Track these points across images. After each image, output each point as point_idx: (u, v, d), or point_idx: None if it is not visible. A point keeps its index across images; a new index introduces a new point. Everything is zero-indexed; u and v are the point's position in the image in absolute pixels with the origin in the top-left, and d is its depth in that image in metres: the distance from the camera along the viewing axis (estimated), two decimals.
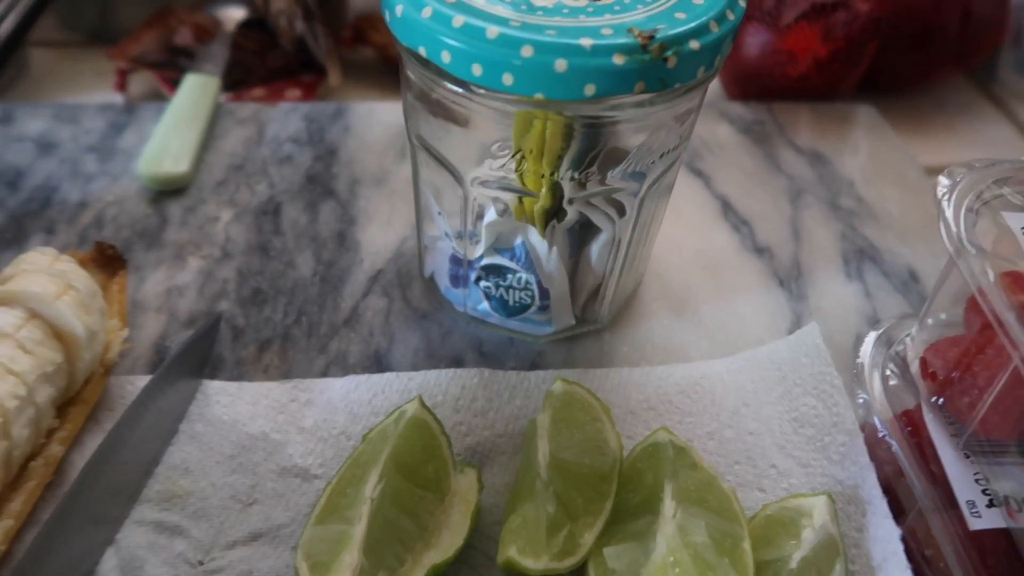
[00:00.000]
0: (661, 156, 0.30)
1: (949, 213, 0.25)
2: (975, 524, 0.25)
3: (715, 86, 0.57)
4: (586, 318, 0.37)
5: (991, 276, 0.23)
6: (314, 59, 0.53)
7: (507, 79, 0.25)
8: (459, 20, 0.25)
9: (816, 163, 0.48)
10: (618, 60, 0.25)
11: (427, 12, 0.26)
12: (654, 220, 0.35)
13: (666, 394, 0.34)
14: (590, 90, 0.25)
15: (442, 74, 0.27)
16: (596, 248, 0.33)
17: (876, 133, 0.51)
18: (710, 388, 0.34)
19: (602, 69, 0.25)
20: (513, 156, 0.29)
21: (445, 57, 0.26)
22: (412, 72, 0.29)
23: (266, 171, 0.44)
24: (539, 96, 0.25)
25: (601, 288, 0.35)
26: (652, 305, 0.39)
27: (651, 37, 0.25)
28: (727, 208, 0.45)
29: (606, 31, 0.25)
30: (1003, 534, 0.24)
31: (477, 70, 0.25)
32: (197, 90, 0.47)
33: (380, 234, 0.41)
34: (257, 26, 0.54)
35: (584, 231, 0.33)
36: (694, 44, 0.26)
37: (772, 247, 0.43)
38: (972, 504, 0.25)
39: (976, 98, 0.62)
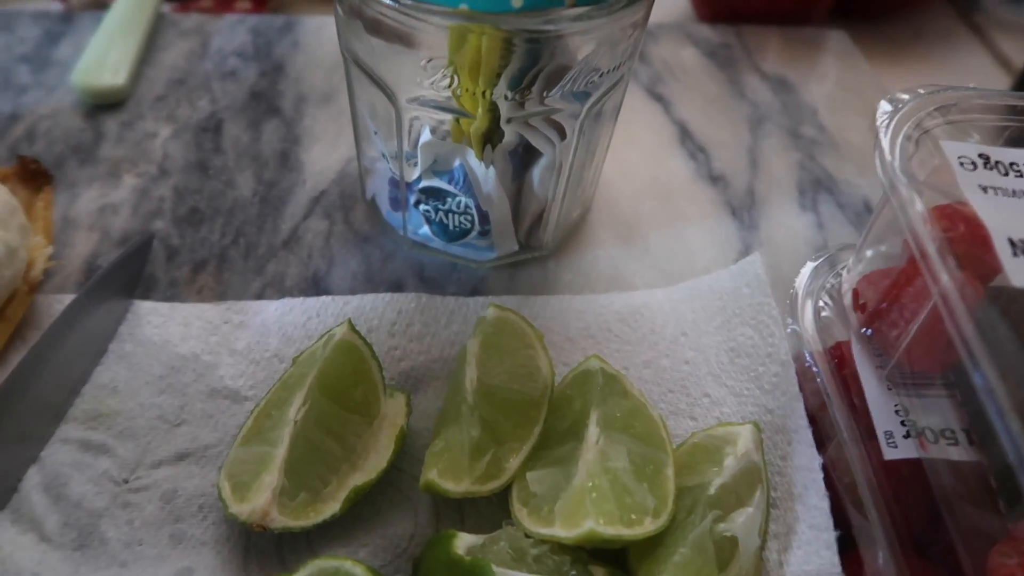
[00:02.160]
0: (602, 75, 0.29)
1: (885, 141, 0.24)
2: (890, 454, 0.25)
3: (684, 6, 0.55)
4: (530, 244, 0.36)
5: (919, 208, 0.22)
6: None
7: None
8: None
9: (781, 90, 0.47)
10: None
11: None
12: (599, 144, 0.34)
13: (606, 322, 0.34)
14: (517, 2, 0.24)
15: None
16: (538, 172, 0.33)
17: (846, 60, 0.50)
18: (650, 317, 0.34)
19: None
20: (447, 74, 0.28)
21: None
22: None
23: (208, 86, 0.43)
24: (464, 7, 0.24)
25: (544, 213, 0.35)
26: (600, 232, 0.38)
27: None
28: (685, 135, 0.44)
29: None
30: (916, 465, 0.24)
31: None
32: (136, 0, 0.45)
33: (325, 154, 0.40)
34: None
35: (527, 154, 0.32)
36: None
37: (727, 176, 0.42)
38: (889, 435, 0.25)
39: (957, 26, 0.60)
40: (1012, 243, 0.22)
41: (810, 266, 0.31)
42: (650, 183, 0.41)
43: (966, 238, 0.22)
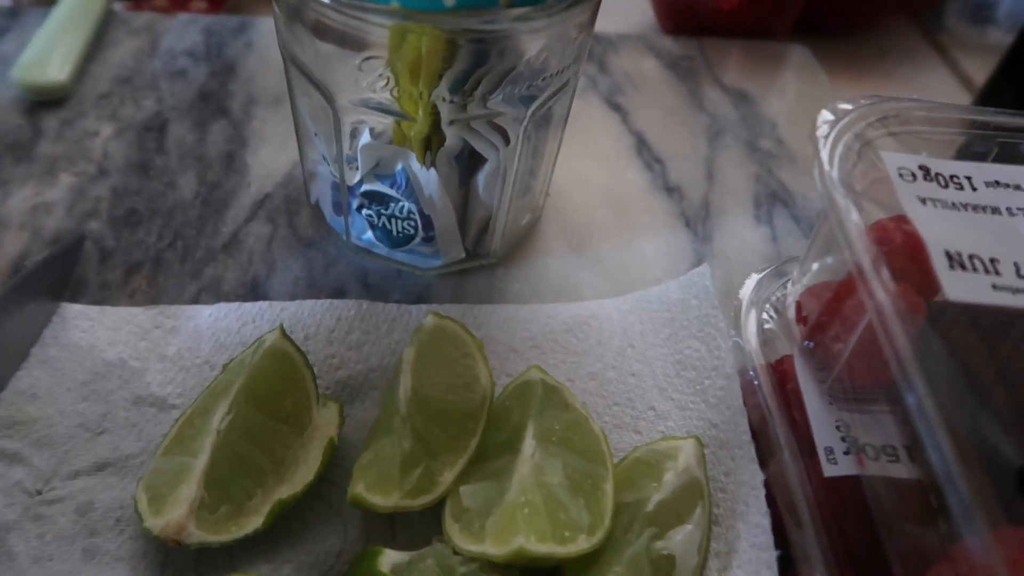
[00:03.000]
0: (546, 79, 0.28)
1: (824, 152, 0.23)
2: (830, 471, 0.24)
3: (648, 18, 0.55)
4: (478, 252, 0.35)
5: (855, 221, 0.21)
6: None
7: None
8: None
9: (740, 103, 0.47)
10: None
11: None
12: (547, 150, 0.34)
13: (552, 332, 0.33)
14: (449, 1, 0.23)
15: None
16: (483, 178, 0.32)
17: (806, 75, 0.50)
18: (597, 328, 0.33)
19: None
20: (385, 75, 0.27)
21: None
22: None
23: (156, 85, 0.41)
24: (395, 5, 0.23)
25: (491, 220, 0.34)
26: (550, 241, 0.37)
27: None
28: (642, 145, 0.43)
29: None
30: (855, 482, 0.24)
31: None
32: None
33: (272, 157, 0.39)
34: None
35: (472, 160, 0.32)
36: None
37: (683, 187, 0.41)
38: (830, 451, 0.24)
39: (920, 45, 0.61)
40: (949, 255, 0.22)
41: (755, 278, 0.30)
42: (605, 193, 0.40)
43: (904, 251, 0.22)
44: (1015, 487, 0.18)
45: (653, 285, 0.35)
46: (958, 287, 0.21)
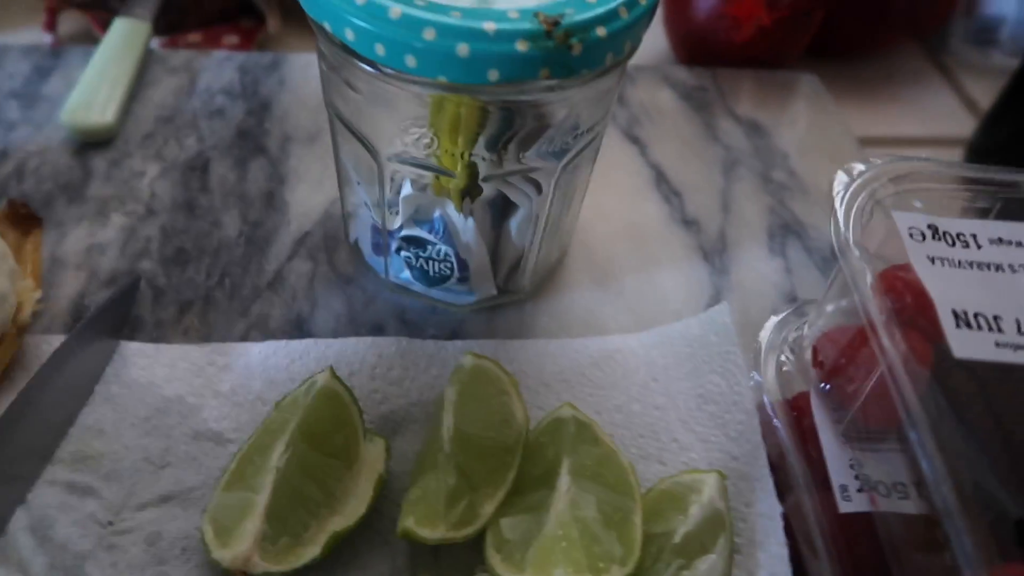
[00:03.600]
0: (575, 137, 0.30)
1: (840, 212, 0.25)
2: (844, 507, 0.26)
3: (663, 49, 0.56)
4: (508, 288, 0.37)
5: (869, 280, 0.23)
6: (254, 3, 0.52)
7: (410, 61, 0.25)
8: None
9: (753, 133, 0.49)
10: (521, 47, 0.25)
11: None
12: (575, 195, 0.36)
13: (580, 366, 0.35)
14: (494, 75, 0.25)
15: (348, 51, 0.26)
16: (515, 223, 0.34)
17: (816, 104, 0.52)
18: (623, 362, 0.35)
19: (505, 55, 0.25)
20: (427, 135, 0.29)
21: (349, 35, 0.25)
22: (323, 46, 0.28)
23: (196, 124, 0.44)
24: (442, 79, 0.25)
25: (522, 260, 0.36)
26: (576, 276, 0.39)
27: (556, 23, 0.25)
28: (660, 178, 0.45)
29: (513, 14, 0.25)
30: (868, 518, 0.26)
31: (380, 50, 0.25)
32: (126, 36, 0.46)
33: (310, 195, 0.41)
34: None
35: (504, 205, 0.34)
36: (601, 31, 0.26)
37: (700, 219, 0.43)
38: (844, 488, 0.26)
39: (926, 68, 0.62)
40: (956, 314, 0.24)
41: (774, 320, 0.32)
42: (626, 226, 0.42)
43: (914, 307, 0.24)
44: (1014, 537, 0.20)
45: (673, 317, 0.37)
46: (965, 346, 0.23)
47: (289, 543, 0.27)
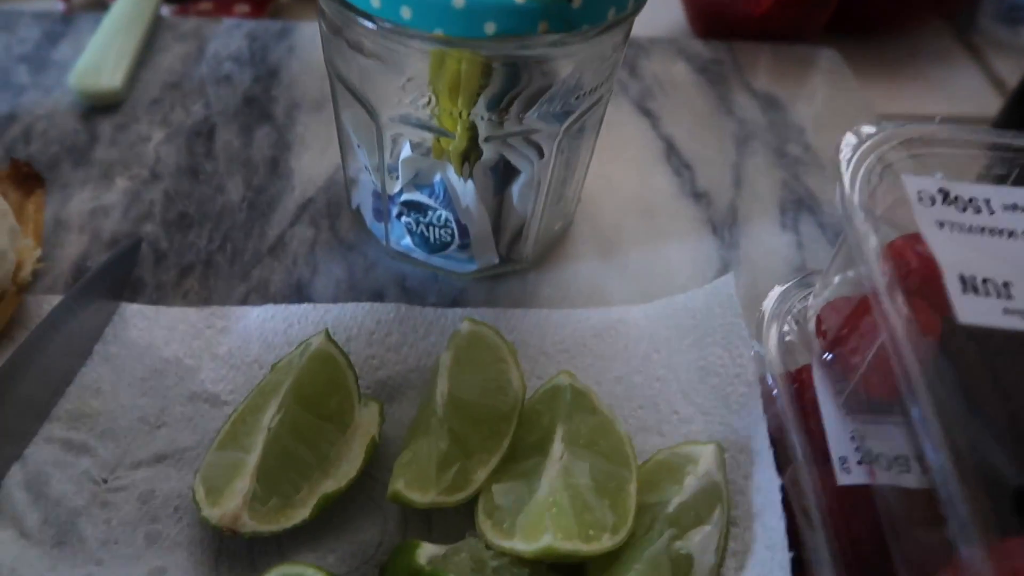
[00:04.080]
0: (579, 97, 0.30)
1: (846, 175, 0.25)
2: (843, 479, 0.25)
3: (679, 21, 0.55)
4: (511, 257, 0.37)
5: (873, 244, 0.23)
6: None
7: (405, 13, 0.24)
8: None
9: (769, 108, 0.48)
10: None
11: None
12: (579, 160, 0.35)
13: (581, 336, 0.34)
14: (490, 28, 0.25)
15: (346, 6, 0.26)
16: (517, 189, 0.33)
17: (835, 79, 0.50)
18: (625, 332, 0.35)
19: (503, 6, 0.24)
20: (426, 94, 0.28)
21: None
22: (323, 4, 0.28)
23: (203, 91, 0.43)
24: (439, 32, 0.25)
25: (524, 228, 0.35)
26: (581, 247, 0.39)
27: None
28: (671, 150, 0.44)
29: None
30: (866, 489, 0.25)
31: (376, 2, 0.25)
32: (136, 3, 0.46)
33: (314, 162, 0.41)
34: None
35: (507, 170, 0.33)
36: None
37: (711, 193, 0.42)
38: (844, 460, 0.26)
39: (952, 46, 0.61)
40: (963, 279, 0.23)
41: (778, 289, 0.31)
42: (634, 198, 0.41)
43: (919, 272, 0.23)
44: (1012, 506, 0.19)
45: (679, 291, 0.36)
46: (970, 311, 0.22)
47: (279, 504, 0.27)
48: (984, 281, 0.23)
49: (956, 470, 0.19)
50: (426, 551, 0.26)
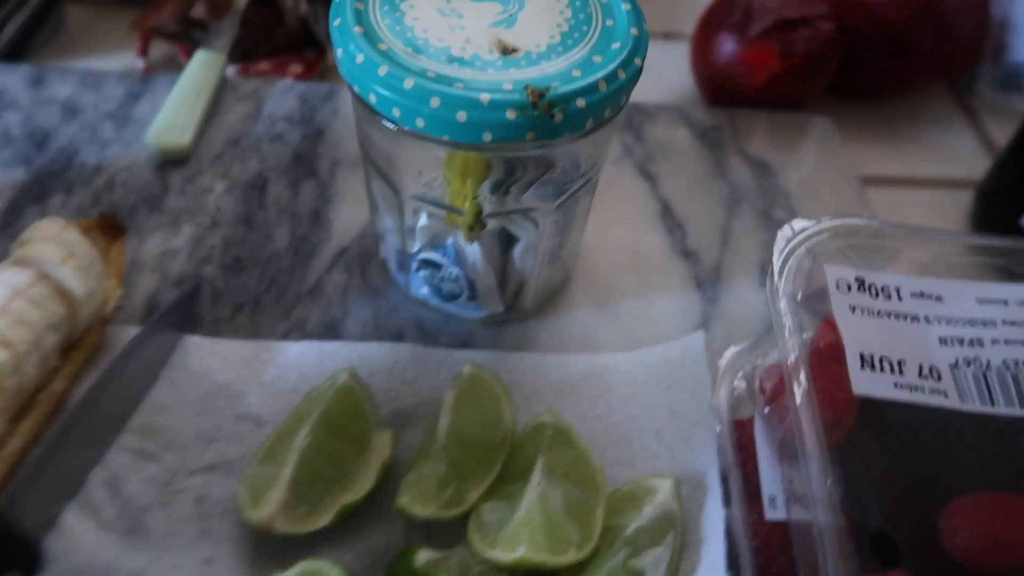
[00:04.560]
0: (568, 182, 0.35)
1: (777, 264, 0.30)
2: (770, 515, 0.30)
3: (688, 88, 0.61)
4: (515, 306, 0.42)
5: (788, 326, 0.28)
6: (316, 37, 0.58)
7: (420, 123, 0.30)
8: (383, 69, 0.30)
9: (760, 173, 0.53)
10: (510, 114, 0.30)
11: (360, 58, 0.31)
12: (573, 227, 0.41)
13: (570, 379, 0.40)
14: (487, 137, 0.30)
15: (373, 110, 0.32)
16: (518, 251, 0.39)
17: (824, 146, 0.55)
18: (608, 377, 0.40)
19: (497, 121, 0.30)
20: (440, 180, 0.34)
21: (372, 98, 0.31)
22: (355, 103, 0.34)
23: (259, 148, 0.50)
24: (446, 138, 0.31)
25: (524, 283, 0.41)
26: (577, 297, 0.44)
27: (541, 95, 0.30)
28: (666, 211, 0.50)
29: (507, 86, 0.30)
30: (786, 526, 0.30)
31: (396, 112, 0.31)
32: (205, 67, 0.53)
33: (351, 214, 0.47)
34: (266, 4, 0.59)
35: (509, 236, 0.39)
36: (580, 102, 0.31)
37: (699, 251, 0.47)
38: (773, 499, 0.31)
39: (951, 110, 0.65)
40: (862, 357, 0.28)
41: (733, 350, 0.36)
42: (628, 254, 0.47)
43: (830, 351, 0.28)
44: (870, 546, 0.24)
45: (663, 340, 0.42)
46: (864, 384, 0.27)
47: (306, 511, 0.33)
48: (881, 359, 0.28)
49: (828, 516, 0.24)
50: (423, 555, 0.32)
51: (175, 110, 0.50)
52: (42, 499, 0.33)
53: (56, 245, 0.36)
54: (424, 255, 0.39)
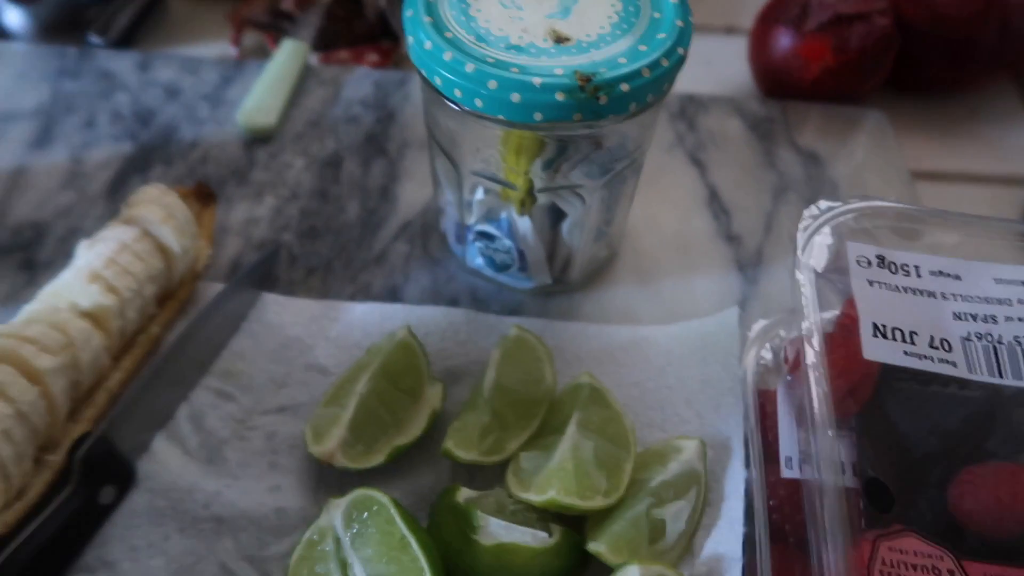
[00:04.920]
0: (614, 161, 0.38)
1: (801, 241, 0.32)
2: (786, 473, 0.33)
3: (746, 81, 0.62)
4: (562, 279, 0.45)
5: (810, 297, 0.30)
6: (392, 29, 0.63)
7: (478, 103, 0.34)
8: (448, 55, 0.34)
9: (809, 163, 0.54)
10: (559, 97, 0.33)
11: (428, 45, 0.35)
12: (619, 206, 0.43)
13: (610, 348, 0.43)
14: (538, 116, 0.33)
15: (437, 92, 0.35)
16: (566, 226, 0.42)
17: (877, 140, 0.56)
18: (646, 348, 0.43)
19: (547, 103, 0.33)
20: (496, 157, 0.38)
21: (437, 81, 0.35)
22: (422, 85, 0.38)
23: (336, 129, 0.55)
24: (501, 117, 0.34)
25: (572, 257, 0.44)
26: (622, 274, 0.47)
27: (588, 79, 0.33)
28: (714, 197, 0.52)
29: (558, 71, 0.33)
30: (798, 483, 0.32)
31: (458, 93, 0.34)
32: (290, 55, 0.57)
33: (416, 191, 0.51)
34: None
35: (558, 211, 0.42)
36: (624, 87, 0.33)
37: (743, 236, 0.50)
38: (789, 459, 0.33)
39: (1015, 107, 0.64)
40: (875, 326, 0.30)
41: (762, 323, 0.38)
42: (673, 236, 0.49)
43: (851, 325, 0.30)
44: (865, 495, 0.26)
45: (700, 317, 0.44)
46: (875, 350, 0.29)
47: (363, 450, 0.37)
48: (894, 329, 0.30)
49: (828, 476, 0.26)
50: (463, 493, 0.35)
51: (262, 93, 0.55)
52: (137, 427, 0.38)
53: (158, 207, 0.41)
54: (480, 227, 0.42)
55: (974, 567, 0.26)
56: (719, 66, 0.66)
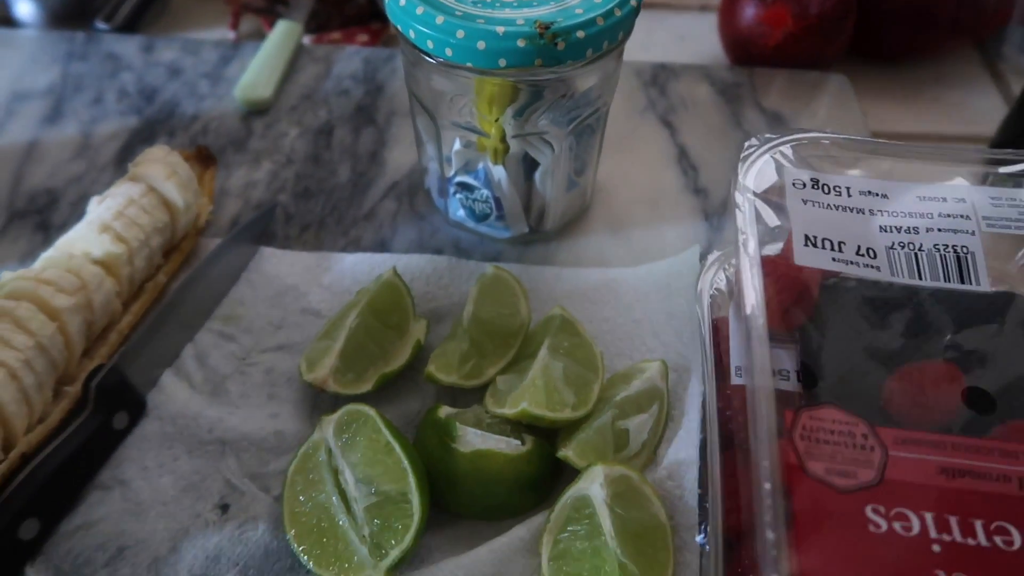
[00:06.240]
0: (577, 107, 0.42)
1: (742, 166, 0.35)
2: (735, 381, 0.36)
3: (718, 53, 0.66)
4: (538, 228, 0.49)
5: (747, 214, 0.33)
6: (381, 12, 0.66)
7: (448, 52, 0.37)
8: (420, 9, 0.38)
9: (774, 123, 0.57)
10: (520, 43, 0.36)
11: (403, 2, 0.38)
12: (588, 155, 0.47)
13: (582, 288, 0.46)
14: (502, 63, 0.37)
15: (413, 45, 0.39)
16: (539, 175, 0.45)
17: (839, 101, 0.59)
18: (616, 287, 0.46)
19: (509, 49, 0.36)
20: (470, 106, 0.41)
21: (411, 34, 0.38)
22: (401, 42, 0.41)
23: (328, 101, 0.58)
24: (469, 65, 0.37)
25: (546, 207, 0.47)
26: (595, 224, 0.50)
27: (547, 27, 0.36)
28: (683, 155, 0.55)
29: (519, 21, 0.37)
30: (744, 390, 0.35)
31: (430, 44, 0.38)
32: (285, 35, 0.61)
33: (402, 155, 0.54)
34: None
35: (532, 162, 0.45)
36: (580, 33, 0.37)
37: (709, 188, 0.53)
38: (738, 369, 0.36)
39: (978, 72, 0.67)
40: (807, 237, 0.33)
41: (716, 254, 0.42)
42: (644, 190, 0.53)
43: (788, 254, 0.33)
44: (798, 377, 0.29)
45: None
46: (806, 257, 0.32)
47: (353, 377, 0.40)
48: (823, 240, 0.33)
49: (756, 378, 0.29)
50: (445, 410, 0.38)
51: (259, 70, 0.58)
52: (146, 364, 0.42)
53: (162, 165, 0.45)
54: (459, 178, 0.46)
55: (886, 432, 0.29)
56: (692, 41, 0.69)
